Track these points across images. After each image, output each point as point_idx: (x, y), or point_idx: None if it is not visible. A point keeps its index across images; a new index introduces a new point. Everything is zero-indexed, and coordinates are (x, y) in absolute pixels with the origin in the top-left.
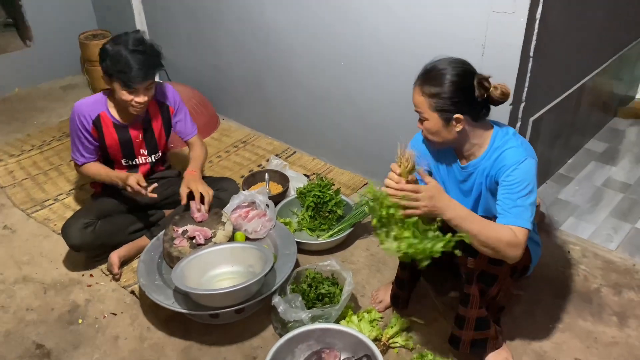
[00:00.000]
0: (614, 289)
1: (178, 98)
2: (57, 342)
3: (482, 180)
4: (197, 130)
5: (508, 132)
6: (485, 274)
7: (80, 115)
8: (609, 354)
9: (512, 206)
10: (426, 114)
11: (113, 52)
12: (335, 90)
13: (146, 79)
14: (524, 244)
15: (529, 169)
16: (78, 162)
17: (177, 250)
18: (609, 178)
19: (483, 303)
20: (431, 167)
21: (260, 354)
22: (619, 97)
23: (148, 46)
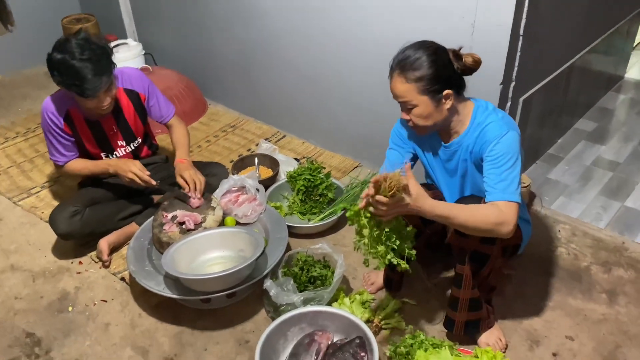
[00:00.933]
0: (604, 266)
1: (147, 82)
2: (47, 330)
3: (466, 157)
4: (175, 110)
5: (488, 107)
6: (477, 253)
7: (50, 114)
8: (598, 331)
9: (497, 181)
10: (415, 100)
11: (60, 64)
12: (324, 72)
13: (101, 86)
14: (513, 218)
15: (511, 142)
16: (59, 163)
17: (166, 236)
18: (599, 157)
19: (475, 283)
20: (416, 152)
21: (253, 338)
22: (607, 76)
23: (95, 50)
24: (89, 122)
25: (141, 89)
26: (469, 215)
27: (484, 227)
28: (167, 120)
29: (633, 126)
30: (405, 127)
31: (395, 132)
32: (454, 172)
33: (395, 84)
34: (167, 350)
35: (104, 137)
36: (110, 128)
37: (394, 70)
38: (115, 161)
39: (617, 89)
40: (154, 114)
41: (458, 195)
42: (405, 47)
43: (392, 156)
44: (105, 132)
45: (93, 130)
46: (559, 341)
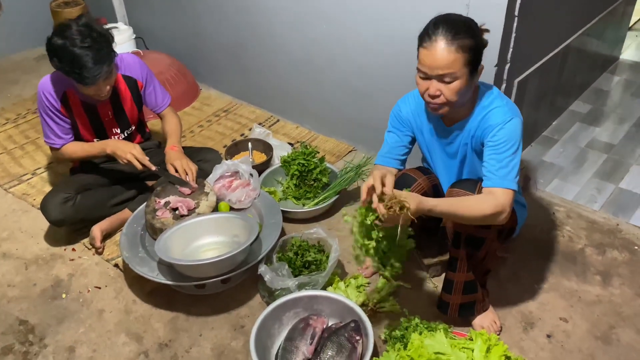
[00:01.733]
0: (598, 248)
1: (146, 70)
2: (40, 317)
3: (467, 141)
4: (170, 100)
5: (493, 91)
6: (472, 237)
7: (47, 94)
8: (592, 312)
9: (498, 167)
10: (459, 72)
11: (60, 50)
12: (318, 55)
13: (101, 75)
14: (509, 205)
15: (514, 129)
16: (56, 146)
17: (160, 222)
18: (593, 139)
19: (470, 267)
20: (415, 134)
21: (248, 322)
22: (603, 57)
23: (96, 38)
24: (86, 105)
25: (139, 77)
26: (466, 209)
27: (480, 217)
28: (161, 109)
29: (628, 108)
30: (405, 108)
31: (394, 114)
32: (454, 156)
33: (439, 54)
34: (162, 336)
35: (99, 122)
36: (106, 114)
37: (435, 39)
38: (114, 142)
39: (612, 70)
40: (150, 102)
41: (454, 179)
42: (445, 16)
43: (391, 139)
44: (100, 118)
45: (89, 114)
46: (553, 323)
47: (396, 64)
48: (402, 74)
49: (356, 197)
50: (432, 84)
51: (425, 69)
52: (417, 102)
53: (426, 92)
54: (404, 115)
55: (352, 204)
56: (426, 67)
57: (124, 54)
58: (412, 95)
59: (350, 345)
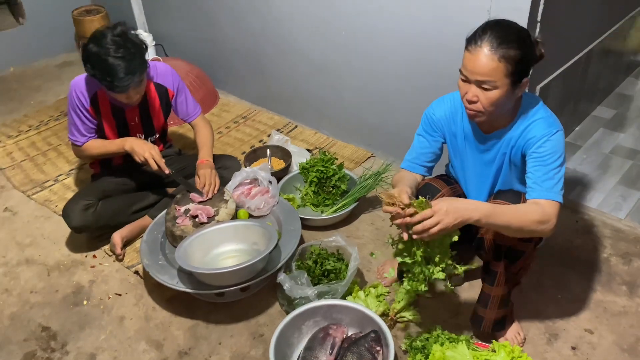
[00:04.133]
0: (623, 258)
1: (178, 79)
2: (62, 323)
3: (506, 150)
4: (201, 111)
5: (535, 102)
6: (512, 250)
7: (78, 92)
8: (618, 324)
9: (544, 179)
10: (499, 82)
11: (94, 57)
12: (336, 61)
13: (131, 85)
14: (555, 217)
15: (560, 141)
16: (78, 143)
17: (180, 229)
18: (617, 145)
19: (507, 280)
20: (446, 139)
21: (267, 331)
22: (626, 62)
23: (130, 48)
24: (114, 108)
25: (171, 85)
26: (512, 215)
27: (527, 227)
28: (192, 119)
29: None
30: (440, 111)
31: (427, 117)
32: (490, 164)
33: (480, 60)
34: (182, 344)
35: (125, 126)
36: (132, 118)
37: (480, 45)
38: (133, 139)
39: (636, 74)
40: (181, 111)
41: (487, 188)
42: (496, 22)
43: (420, 144)
44: (127, 121)
45: (116, 117)
46: (577, 334)
47: (415, 70)
48: (422, 80)
49: (375, 204)
50: (471, 88)
51: (467, 72)
52: (453, 105)
53: (465, 95)
54: (437, 117)
55: (369, 211)
56: (467, 70)
57: (157, 62)
58: (449, 98)
59: (370, 356)
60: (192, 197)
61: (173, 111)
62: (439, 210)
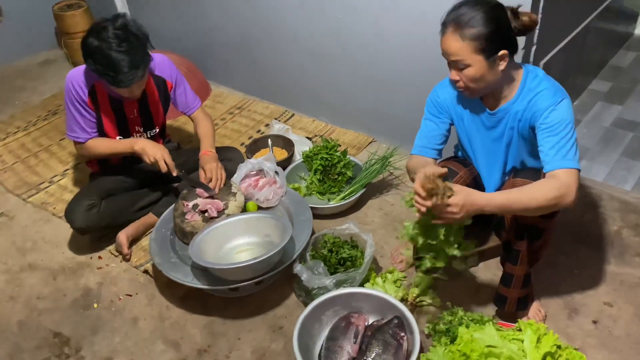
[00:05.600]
0: (634, 230)
1: (176, 71)
2: (74, 328)
3: (514, 124)
4: (201, 103)
5: (538, 73)
6: (534, 228)
7: (76, 85)
8: (636, 295)
9: (557, 149)
10: (469, 60)
11: (96, 52)
12: (332, 45)
13: (135, 79)
14: (574, 185)
15: (567, 109)
16: (80, 140)
17: (190, 225)
18: (617, 118)
19: (529, 258)
20: (453, 120)
21: (286, 323)
22: (618, 34)
23: (133, 41)
24: (113, 100)
25: (169, 77)
26: (528, 198)
27: (545, 204)
28: (192, 111)
29: None
30: (443, 94)
31: (431, 100)
32: (499, 140)
33: (448, 42)
34: (200, 342)
35: (123, 119)
36: (131, 111)
37: (447, 27)
38: (143, 140)
39: (627, 46)
40: (180, 103)
41: (499, 165)
42: (461, 3)
43: (428, 128)
44: (125, 115)
45: (115, 109)
46: (597, 308)
47: (414, 51)
48: (421, 60)
49: (382, 190)
50: (451, 69)
51: (443, 55)
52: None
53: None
54: (442, 100)
55: (377, 196)
56: (443, 53)
57: (154, 54)
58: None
59: (396, 343)
60: (199, 192)
61: (172, 104)
62: (456, 204)
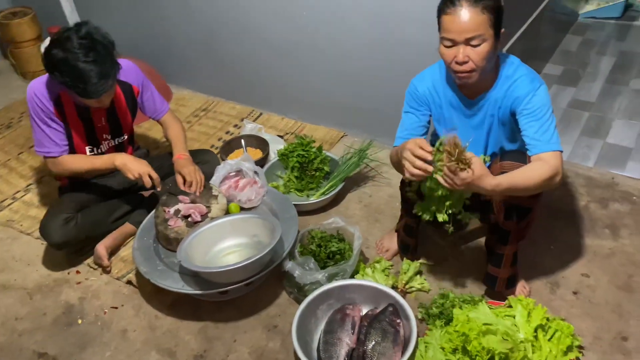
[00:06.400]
0: (601, 203)
1: (141, 75)
2: (60, 346)
3: (493, 112)
4: (169, 107)
5: (513, 61)
6: (522, 207)
7: (40, 96)
8: (610, 265)
9: (540, 133)
10: (486, 34)
11: (61, 64)
12: (299, 43)
13: (105, 89)
14: (561, 167)
15: (545, 94)
16: (53, 154)
17: (173, 232)
18: (572, 99)
19: (517, 237)
20: (432, 112)
21: (280, 321)
22: (566, 19)
23: (100, 51)
24: (79, 109)
25: (135, 82)
26: (526, 180)
27: (540, 185)
28: (161, 115)
29: (596, 66)
30: (422, 86)
31: (410, 94)
32: (479, 127)
33: (467, 16)
34: (195, 348)
35: (91, 127)
36: (99, 119)
37: (461, 2)
38: (124, 155)
39: (574, 30)
40: (148, 108)
41: (479, 151)
42: None
43: (409, 120)
44: (93, 123)
45: (82, 118)
46: (576, 280)
47: (383, 44)
48: (390, 56)
49: (360, 182)
50: (459, 50)
51: (453, 35)
52: (433, 79)
53: (454, 60)
54: (421, 93)
55: (355, 189)
56: (453, 32)
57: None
58: (428, 72)
59: (393, 330)
60: (181, 198)
61: (140, 109)
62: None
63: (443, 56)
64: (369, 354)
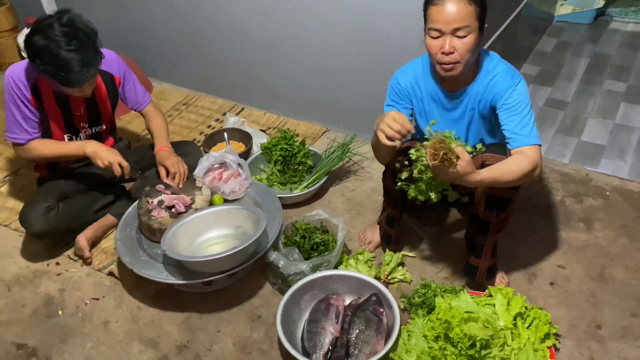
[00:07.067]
0: (575, 198)
1: (124, 66)
2: (40, 338)
3: (474, 105)
4: (151, 98)
5: (493, 56)
6: (501, 199)
7: (17, 81)
8: (584, 256)
9: (520, 127)
10: (473, 26)
11: (43, 51)
12: (282, 37)
13: (87, 78)
14: (540, 160)
15: (524, 89)
16: (21, 141)
17: (157, 222)
18: (548, 98)
19: (497, 228)
20: (413, 103)
21: (264, 312)
22: (542, 20)
23: (82, 38)
24: (58, 96)
25: (117, 72)
26: (508, 173)
27: (519, 178)
28: (143, 107)
29: (571, 66)
30: (404, 80)
31: (392, 88)
32: (459, 121)
33: (455, 6)
34: (178, 338)
35: (69, 116)
36: (78, 108)
37: None
38: (94, 143)
39: (550, 32)
40: (130, 99)
41: None
42: None
43: None
44: (72, 111)
45: (60, 106)
46: (552, 271)
47: (366, 40)
48: (373, 51)
49: (342, 176)
50: (446, 40)
51: (440, 25)
52: (415, 72)
53: (440, 51)
54: (403, 86)
55: (337, 183)
56: (440, 22)
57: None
58: (410, 67)
59: (377, 318)
60: (159, 189)
61: (121, 100)
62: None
63: (429, 48)
64: (353, 342)
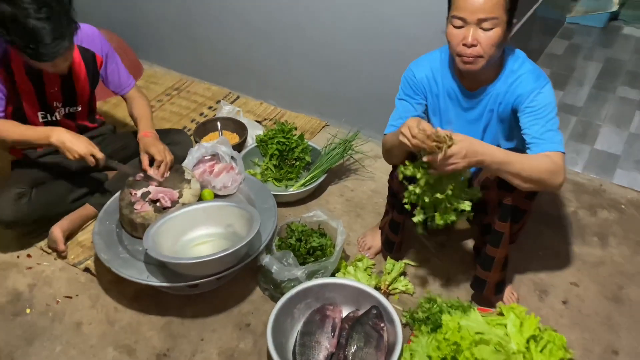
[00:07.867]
0: (589, 210)
1: (107, 45)
2: (4, 339)
3: (493, 107)
4: (135, 82)
5: (519, 54)
6: (517, 209)
7: None
8: (598, 274)
9: (543, 131)
10: (500, 18)
11: (9, 20)
12: (282, 24)
13: (60, 51)
14: (563, 168)
15: (551, 93)
16: None
17: (140, 217)
18: (560, 102)
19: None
20: (427, 98)
21: (253, 320)
22: (554, 22)
23: (54, 5)
24: (30, 70)
25: (99, 51)
26: (525, 163)
27: (537, 176)
28: (126, 90)
29: (583, 70)
30: (419, 72)
31: (406, 80)
32: (476, 122)
33: None
34: (158, 346)
35: (42, 92)
36: (52, 85)
37: None
38: (62, 130)
39: (561, 34)
40: (112, 82)
41: None
42: None
43: (402, 108)
44: (44, 88)
45: (32, 81)
46: (565, 288)
47: (373, 33)
48: (380, 44)
49: (341, 175)
50: (469, 31)
51: (465, 13)
52: (432, 66)
53: (461, 42)
54: (419, 79)
55: (336, 182)
56: (466, 11)
57: (83, 25)
58: (427, 59)
59: (377, 334)
60: (140, 179)
61: (102, 82)
62: (459, 153)
63: (449, 37)
64: (350, 359)
